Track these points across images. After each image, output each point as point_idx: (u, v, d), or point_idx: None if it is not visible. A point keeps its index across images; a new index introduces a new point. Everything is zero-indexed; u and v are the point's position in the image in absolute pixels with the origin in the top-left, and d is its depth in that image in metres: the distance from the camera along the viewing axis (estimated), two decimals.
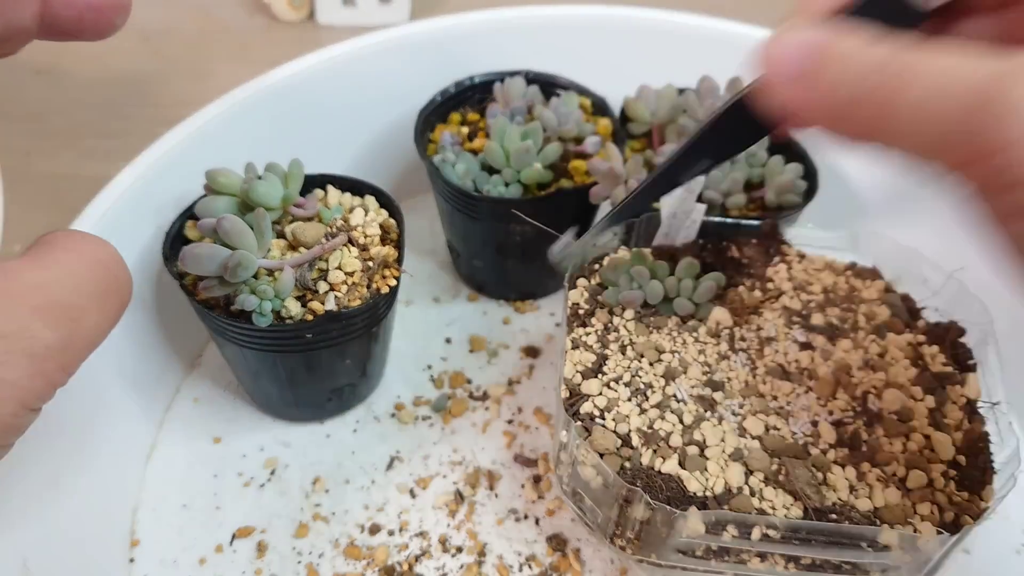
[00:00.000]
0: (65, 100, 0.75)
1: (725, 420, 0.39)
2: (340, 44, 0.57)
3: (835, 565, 0.37)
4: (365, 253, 0.44)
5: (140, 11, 0.94)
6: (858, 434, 0.39)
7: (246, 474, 0.49)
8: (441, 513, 0.47)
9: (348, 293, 0.43)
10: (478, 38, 0.61)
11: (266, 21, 0.86)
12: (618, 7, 0.63)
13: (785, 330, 0.43)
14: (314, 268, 0.43)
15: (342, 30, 0.84)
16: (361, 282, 0.43)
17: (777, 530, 0.35)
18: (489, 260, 0.57)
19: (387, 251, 0.45)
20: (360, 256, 0.44)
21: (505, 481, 0.49)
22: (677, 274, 0.44)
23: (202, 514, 0.47)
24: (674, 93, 0.55)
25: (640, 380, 0.40)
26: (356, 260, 0.43)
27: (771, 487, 0.36)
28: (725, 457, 0.37)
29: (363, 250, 0.44)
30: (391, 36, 0.59)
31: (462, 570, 0.45)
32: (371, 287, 0.44)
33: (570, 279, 0.45)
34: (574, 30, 0.63)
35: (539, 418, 0.52)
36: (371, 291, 0.44)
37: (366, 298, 0.43)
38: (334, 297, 0.42)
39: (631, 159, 0.49)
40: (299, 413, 0.51)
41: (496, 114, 0.53)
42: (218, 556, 0.45)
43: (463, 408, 0.52)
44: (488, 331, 0.58)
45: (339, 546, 0.46)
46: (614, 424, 0.38)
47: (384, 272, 0.45)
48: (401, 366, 0.55)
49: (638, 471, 0.37)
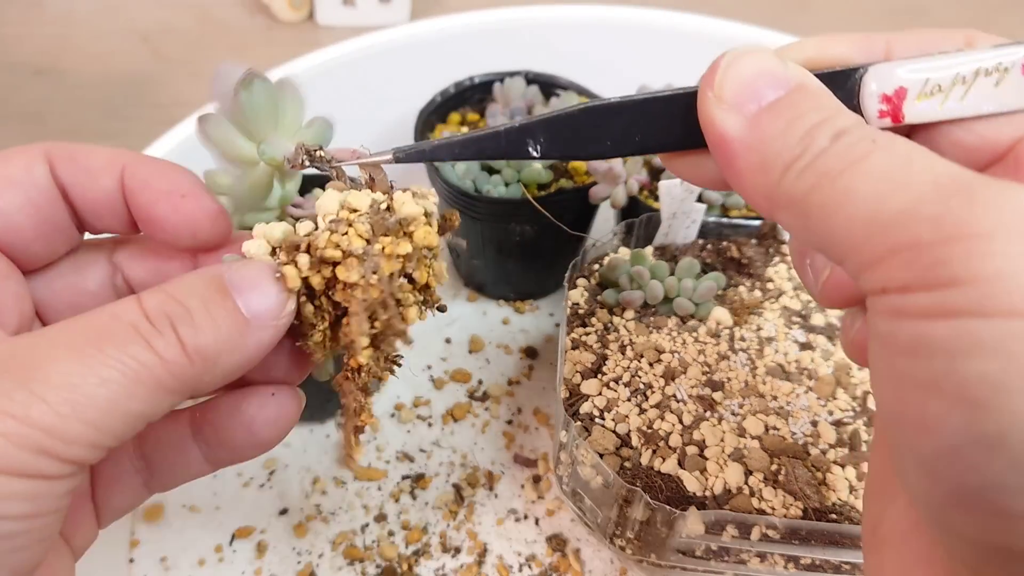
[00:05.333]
0: (65, 100, 0.75)
1: (725, 420, 0.39)
2: (340, 44, 0.57)
3: (835, 565, 0.37)
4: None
5: (140, 11, 0.94)
6: (858, 434, 0.39)
7: (246, 474, 0.49)
8: (441, 513, 0.47)
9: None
10: (478, 38, 0.61)
11: (266, 21, 0.86)
12: (618, 7, 0.63)
13: (785, 330, 0.43)
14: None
15: (342, 30, 0.84)
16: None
17: (777, 530, 0.35)
18: (489, 260, 0.57)
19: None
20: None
21: (505, 481, 0.49)
22: (677, 274, 0.44)
23: (202, 514, 0.47)
24: None
25: (640, 380, 0.40)
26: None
27: (770, 487, 0.36)
28: (724, 457, 0.37)
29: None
30: (391, 36, 0.59)
31: (462, 570, 0.45)
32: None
33: (570, 279, 0.45)
34: (574, 30, 0.63)
35: (539, 418, 0.52)
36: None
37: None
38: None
39: (630, 159, 0.49)
40: None
41: (496, 114, 0.53)
42: (218, 556, 0.45)
43: (463, 408, 0.52)
44: (488, 331, 0.58)
45: (339, 546, 0.46)
46: (614, 424, 0.38)
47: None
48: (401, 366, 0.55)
49: (638, 471, 0.37)
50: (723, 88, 0.22)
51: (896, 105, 0.23)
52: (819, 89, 0.22)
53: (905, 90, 0.23)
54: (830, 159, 0.20)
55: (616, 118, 0.25)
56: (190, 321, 0.22)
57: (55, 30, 0.83)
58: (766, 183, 0.21)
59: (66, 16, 0.85)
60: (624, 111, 0.25)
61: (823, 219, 0.20)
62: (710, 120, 0.23)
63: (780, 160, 0.21)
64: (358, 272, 0.24)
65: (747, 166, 0.22)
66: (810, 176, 0.20)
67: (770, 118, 0.22)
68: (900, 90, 0.23)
